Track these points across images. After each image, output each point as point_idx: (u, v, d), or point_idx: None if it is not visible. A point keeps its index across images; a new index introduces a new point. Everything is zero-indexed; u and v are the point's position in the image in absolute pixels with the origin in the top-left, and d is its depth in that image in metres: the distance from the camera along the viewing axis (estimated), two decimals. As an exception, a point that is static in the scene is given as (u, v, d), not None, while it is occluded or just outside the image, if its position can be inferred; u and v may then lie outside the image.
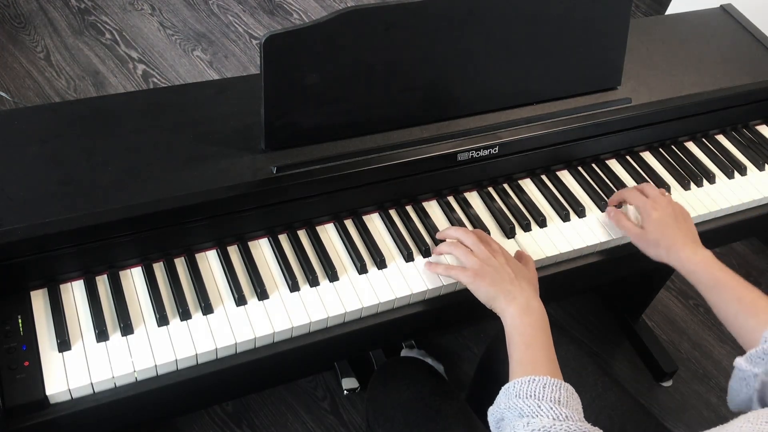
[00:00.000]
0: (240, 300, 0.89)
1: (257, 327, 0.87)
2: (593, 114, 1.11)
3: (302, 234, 0.98)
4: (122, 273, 0.90)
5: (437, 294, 0.96)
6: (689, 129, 1.24)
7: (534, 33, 1.04)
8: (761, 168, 1.24)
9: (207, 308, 0.87)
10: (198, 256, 0.93)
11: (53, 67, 2.23)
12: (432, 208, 1.05)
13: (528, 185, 1.12)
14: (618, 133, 1.15)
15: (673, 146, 1.24)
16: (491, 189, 1.10)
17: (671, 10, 2.31)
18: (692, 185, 1.18)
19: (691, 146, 1.25)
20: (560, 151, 1.12)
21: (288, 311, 0.89)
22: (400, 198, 1.05)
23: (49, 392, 0.78)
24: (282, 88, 0.91)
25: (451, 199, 1.08)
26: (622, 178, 1.16)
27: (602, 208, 1.10)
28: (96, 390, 0.80)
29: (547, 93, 1.11)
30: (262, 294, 0.90)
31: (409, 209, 1.05)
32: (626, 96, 1.15)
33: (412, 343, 1.59)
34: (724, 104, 1.23)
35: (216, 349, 0.85)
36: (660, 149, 1.23)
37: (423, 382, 1.03)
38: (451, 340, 1.69)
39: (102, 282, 0.88)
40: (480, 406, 0.92)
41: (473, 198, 1.08)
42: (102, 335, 0.83)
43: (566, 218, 1.08)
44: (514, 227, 1.05)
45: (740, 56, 1.30)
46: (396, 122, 1.01)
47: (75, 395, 0.79)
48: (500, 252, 0.93)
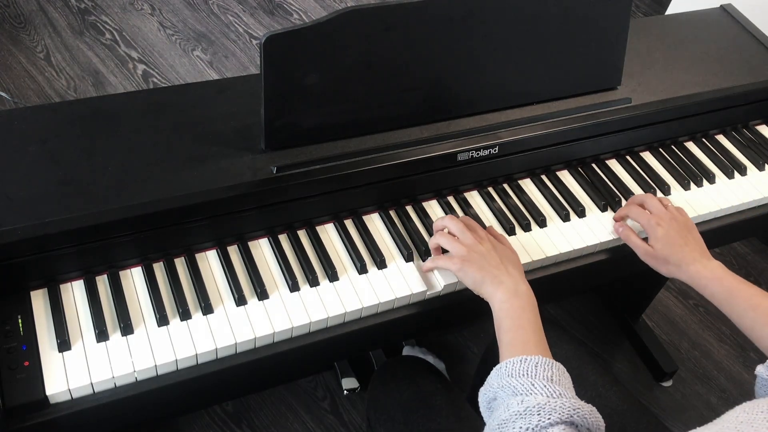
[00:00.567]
0: (240, 300, 0.89)
1: (257, 327, 0.87)
2: (593, 114, 1.11)
3: (302, 234, 0.98)
4: (122, 273, 0.90)
5: (437, 294, 0.96)
6: (689, 129, 1.24)
7: (534, 33, 1.04)
8: (761, 168, 1.24)
9: (207, 308, 0.88)
10: (198, 256, 0.93)
11: (53, 67, 2.23)
12: (432, 208, 1.06)
13: (528, 185, 1.12)
14: (618, 133, 1.15)
15: (673, 146, 1.24)
16: (491, 189, 1.10)
17: (671, 10, 2.31)
18: (692, 185, 1.18)
19: (691, 146, 1.25)
20: (560, 151, 1.12)
21: (288, 311, 0.89)
22: (400, 198, 1.05)
23: (49, 392, 0.78)
24: (282, 88, 0.91)
25: (451, 199, 1.08)
26: (622, 178, 1.16)
27: (602, 208, 1.10)
28: (96, 390, 0.80)
29: (547, 93, 1.11)
30: (262, 294, 0.90)
31: (409, 209, 1.05)
32: (626, 96, 1.15)
33: (413, 341, 1.59)
34: (724, 104, 1.23)
35: (216, 349, 0.85)
36: (660, 149, 1.23)
37: (424, 381, 1.03)
38: (451, 340, 1.70)
39: (102, 282, 0.89)
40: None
41: (473, 198, 1.08)
42: (102, 335, 0.83)
43: (566, 218, 1.08)
44: (514, 227, 1.05)
45: (740, 56, 1.30)
46: (396, 122, 1.02)
47: (75, 395, 0.79)
48: (486, 239, 0.94)
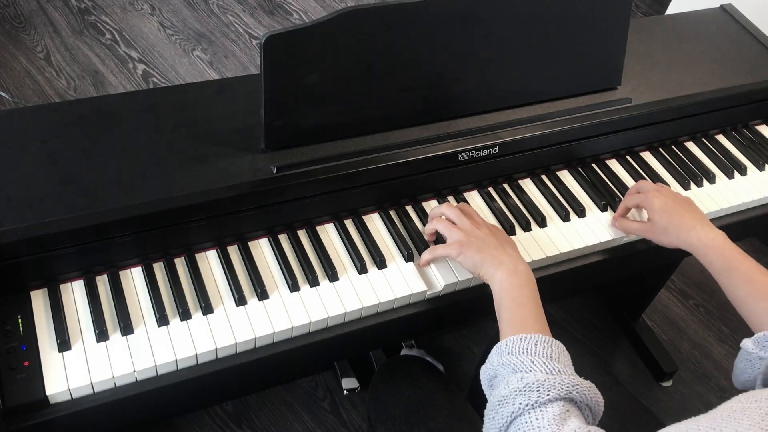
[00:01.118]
0: (240, 300, 0.89)
1: (257, 327, 0.87)
2: (593, 114, 1.11)
3: (302, 234, 0.98)
4: (122, 273, 0.90)
5: (437, 294, 0.96)
6: (689, 129, 1.24)
7: (534, 33, 1.04)
8: (761, 168, 1.24)
9: (207, 308, 0.87)
10: (198, 256, 0.93)
11: (53, 67, 2.23)
12: (432, 208, 1.05)
13: (528, 185, 1.12)
14: (618, 133, 1.15)
15: (673, 146, 1.24)
16: (491, 189, 1.10)
17: (671, 10, 2.31)
18: (692, 185, 1.18)
19: (691, 146, 1.25)
20: (560, 151, 1.12)
21: (288, 311, 0.89)
22: (400, 198, 1.05)
23: (49, 392, 0.78)
24: (282, 88, 0.91)
25: (451, 199, 1.08)
26: (622, 178, 1.16)
27: (602, 208, 1.10)
28: (96, 390, 0.80)
29: (547, 93, 1.11)
30: (262, 294, 0.90)
31: (409, 209, 1.05)
32: (626, 96, 1.15)
33: (412, 343, 1.59)
34: (724, 104, 1.23)
35: (216, 349, 0.85)
36: (660, 149, 1.23)
37: (424, 381, 1.03)
38: (451, 340, 1.69)
39: (102, 282, 0.88)
40: (480, 405, 0.92)
41: (473, 198, 1.08)
42: (102, 335, 0.83)
43: (566, 218, 1.08)
44: (514, 227, 1.05)
45: (740, 56, 1.30)
46: (396, 122, 1.01)
47: (75, 395, 0.79)
48: (484, 224, 0.94)
